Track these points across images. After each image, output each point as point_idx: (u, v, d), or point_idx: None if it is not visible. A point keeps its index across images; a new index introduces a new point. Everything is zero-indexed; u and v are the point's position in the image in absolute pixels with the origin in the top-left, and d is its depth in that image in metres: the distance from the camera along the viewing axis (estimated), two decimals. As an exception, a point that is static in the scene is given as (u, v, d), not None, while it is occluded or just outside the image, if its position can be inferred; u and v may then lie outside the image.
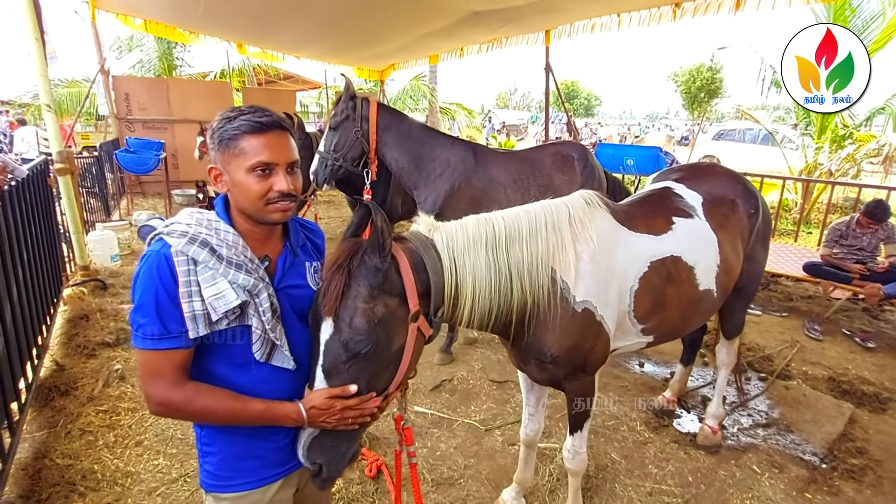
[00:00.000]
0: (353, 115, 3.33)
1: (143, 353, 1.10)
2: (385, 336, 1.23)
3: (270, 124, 1.15)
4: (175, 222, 1.15)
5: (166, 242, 1.11)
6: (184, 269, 1.09)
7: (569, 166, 3.69)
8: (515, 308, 1.57)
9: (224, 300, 1.10)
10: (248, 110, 1.16)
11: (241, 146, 1.13)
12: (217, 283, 1.11)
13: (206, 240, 1.12)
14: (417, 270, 1.34)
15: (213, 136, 1.16)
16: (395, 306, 1.26)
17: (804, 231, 7.73)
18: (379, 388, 1.26)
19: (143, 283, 1.09)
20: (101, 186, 7.39)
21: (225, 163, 1.16)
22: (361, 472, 2.52)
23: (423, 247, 1.40)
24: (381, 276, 1.24)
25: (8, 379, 2.50)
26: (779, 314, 4.80)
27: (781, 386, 3.51)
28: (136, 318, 1.09)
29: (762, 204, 2.45)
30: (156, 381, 1.10)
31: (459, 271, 1.43)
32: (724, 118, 30.98)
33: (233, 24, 7.31)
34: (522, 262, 1.55)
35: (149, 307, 1.08)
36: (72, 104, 11.98)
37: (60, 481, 2.36)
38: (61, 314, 4.09)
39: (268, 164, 1.14)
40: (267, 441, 1.25)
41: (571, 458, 2.05)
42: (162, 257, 1.09)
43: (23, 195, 3.31)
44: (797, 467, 2.68)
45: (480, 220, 1.55)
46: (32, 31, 4.20)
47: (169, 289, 1.08)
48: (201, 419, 1.18)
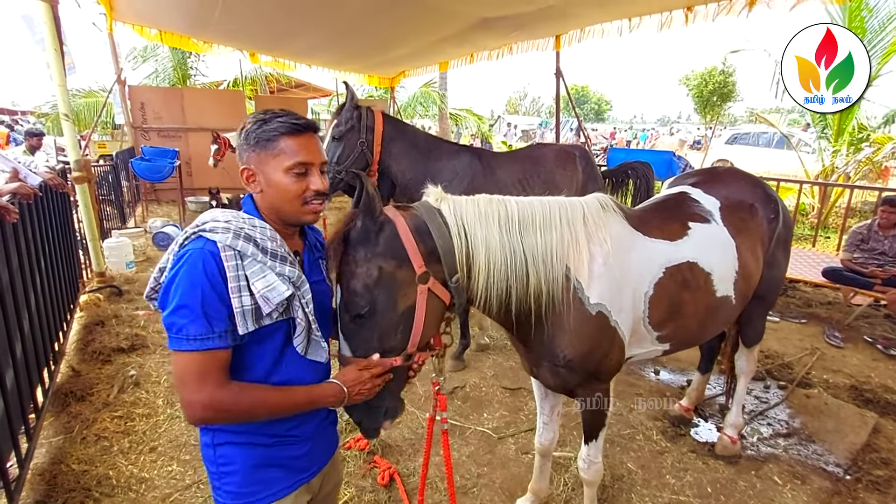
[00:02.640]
0: (358, 125, 3.29)
1: (185, 356, 1.06)
2: (385, 297, 1.28)
3: (307, 126, 1.19)
4: (212, 220, 1.13)
5: (208, 239, 1.10)
6: (232, 263, 1.08)
7: (570, 162, 3.78)
8: (532, 295, 1.55)
9: (276, 291, 1.11)
10: (282, 113, 1.18)
11: (280, 146, 1.15)
12: (266, 276, 1.11)
13: (249, 234, 1.12)
14: (420, 234, 1.36)
15: (247, 138, 1.17)
16: (392, 268, 1.29)
17: (822, 236, 7.59)
18: (394, 349, 1.31)
19: (187, 282, 1.06)
20: (116, 194, 7.51)
21: (261, 163, 1.17)
22: (374, 480, 2.50)
23: (427, 213, 1.42)
24: (375, 239, 1.29)
25: (25, 385, 2.54)
26: (798, 320, 4.70)
27: (802, 394, 3.42)
28: (176, 320, 1.05)
29: (783, 209, 2.40)
30: (201, 384, 1.06)
31: (471, 240, 1.43)
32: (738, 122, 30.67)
33: (246, 33, 7.43)
34: (536, 248, 1.53)
35: (193, 306, 1.05)
36: (89, 114, 12.21)
37: (76, 487, 2.37)
38: (77, 320, 4.15)
39: (305, 165, 1.16)
40: (290, 448, 1.24)
41: (587, 467, 2.01)
42: (207, 253, 1.08)
43: (41, 204, 3.37)
44: (820, 479, 2.60)
45: (493, 199, 1.55)
46: (52, 43, 4.30)
47: (216, 285, 1.07)
48: (249, 417, 1.15)
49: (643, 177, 4.14)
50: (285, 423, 1.22)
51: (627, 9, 5.62)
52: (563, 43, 6.82)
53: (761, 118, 12.53)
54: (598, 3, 5.38)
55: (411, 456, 2.71)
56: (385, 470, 2.52)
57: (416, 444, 2.80)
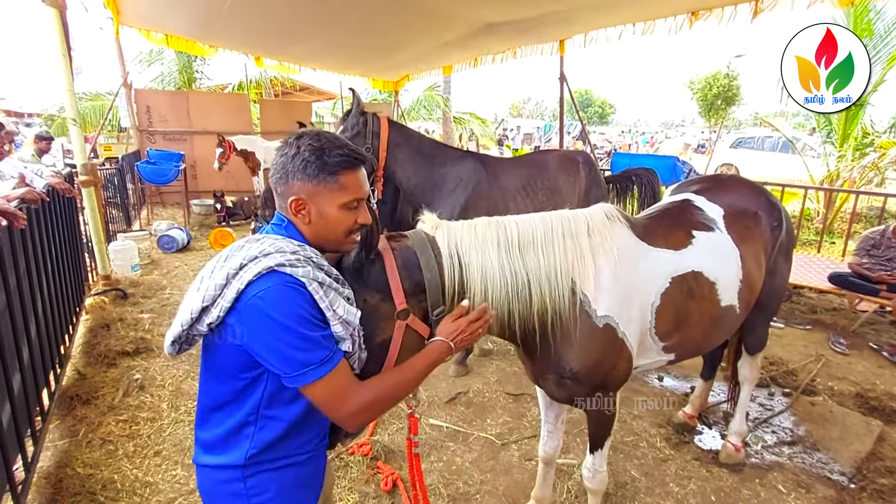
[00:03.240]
0: (364, 131, 3.31)
1: (322, 383, 1.06)
2: (365, 328, 1.27)
3: (363, 159, 1.18)
4: (277, 252, 1.08)
5: (286, 275, 1.06)
6: (321, 294, 1.08)
7: (573, 168, 3.80)
8: (537, 314, 1.54)
9: (354, 314, 1.15)
10: (338, 142, 1.16)
11: (341, 182, 1.14)
12: (341, 302, 1.13)
13: (318, 262, 1.13)
14: (409, 268, 1.36)
15: (305, 167, 1.13)
16: (376, 301, 1.30)
17: (827, 241, 7.55)
18: (368, 374, 1.29)
19: (289, 316, 1.03)
20: (122, 197, 7.57)
21: (314, 194, 1.14)
22: (377, 486, 2.50)
23: (419, 245, 1.41)
24: (365, 272, 1.30)
25: (32, 388, 2.55)
26: (802, 327, 4.68)
27: (807, 402, 3.41)
28: (298, 355, 1.04)
29: (785, 216, 2.39)
30: (347, 394, 1.09)
31: (465, 268, 1.43)
32: (742, 126, 30.59)
33: (251, 36, 7.47)
34: (539, 267, 1.53)
35: (308, 335, 1.04)
36: (95, 117, 12.32)
37: (81, 490, 2.39)
38: (83, 323, 4.18)
39: (360, 200, 1.18)
40: (315, 463, 1.25)
41: (591, 476, 2.01)
42: (292, 287, 1.05)
43: (48, 208, 3.40)
44: (824, 487, 2.59)
45: (491, 222, 1.54)
46: (60, 48, 4.34)
47: (314, 313, 1.07)
48: (396, 400, 1.18)
49: (648, 184, 4.14)
50: (317, 438, 1.23)
51: (632, 14, 5.63)
52: (567, 48, 6.83)
53: (766, 122, 12.51)
54: (602, 8, 5.39)
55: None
56: (388, 476, 2.53)
57: (419, 449, 2.80)
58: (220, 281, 1.07)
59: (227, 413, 1.15)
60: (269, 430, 1.14)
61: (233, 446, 1.14)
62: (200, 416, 1.20)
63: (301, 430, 1.18)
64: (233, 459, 1.13)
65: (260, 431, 1.13)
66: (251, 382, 1.12)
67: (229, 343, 1.10)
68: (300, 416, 1.16)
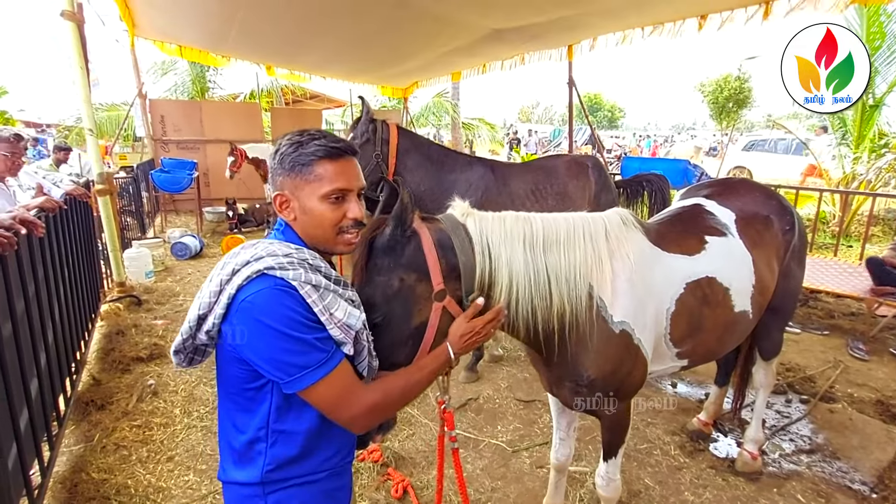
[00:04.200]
0: (374, 138, 3.32)
1: (326, 381, 1.03)
2: (400, 310, 1.26)
3: (346, 149, 1.12)
4: (269, 255, 1.05)
5: (276, 277, 1.02)
6: (313, 298, 1.03)
7: (583, 173, 3.77)
8: (556, 315, 1.52)
9: (354, 317, 1.09)
10: (318, 134, 1.12)
11: (317, 172, 1.09)
12: (340, 304, 1.08)
13: (313, 264, 1.08)
14: (444, 249, 1.34)
15: (282, 162, 1.11)
16: (413, 281, 1.27)
17: (844, 245, 7.41)
18: (401, 361, 1.27)
19: (279, 319, 1.00)
20: (137, 205, 7.70)
21: (295, 189, 1.11)
22: (388, 492, 2.49)
23: (452, 228, 1.39)
24: (400, 250, 1.27)
25: (49, 393, 2.59)
26: (820, 332, 4.59)
27: (825, 409, 3.33)
28: (292, 359, 1.00)
29: (797, 220, 2.36)
30: (351, 395, 1.06)
31: (494, 260, 1.40)
32: (754, 128, 30.22)
33: (262, 47, 7.60)
34: (560, 268, 1.51)
35: (301, 337, 1.01)
36: (111, 126, 12.58)
37: (96, 495, 2.41)
38: (98, 329, 4.24)
39: (343, 191, 1.10)
40: (338, 479, 1.21)
41: (605, 484, 1.98)
42: (282, 290, 1.01)
43: (65, 216, 3.47)
44: (845, 497, 2.52)
45: (519, 217, 1.52)
46: (78, 61, 4.44)
47: (306, 315, 1.03)
48: (405, 400, 1.16)
49: (659, 190, 4.09)
50: (339, 455, 1.19)
51: (640, 18, 5.61)
52: (575, 52, 6.83)
53: (779, 125, 12.35)
54: (610, 13, 5.38)
55: (425, 469, 2.70)
56: (399, 483, 2.52)
57: (429, 456, 2.79)
58: (215, 288, 1.05)
59: (239, 428, 1.12)
60: (282, 446, 1.10)
61: (248, 463, 1.11)
62: (220, 432, 1.19)
63: (319, 446, 1.14)
64: (250, 477, 1.10)
65: (273, 447, 1.09)
66: (256, 395, 1.09)
67: (228, 353, 1.08)
68: (314, 430, 1.12)
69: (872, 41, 7.10)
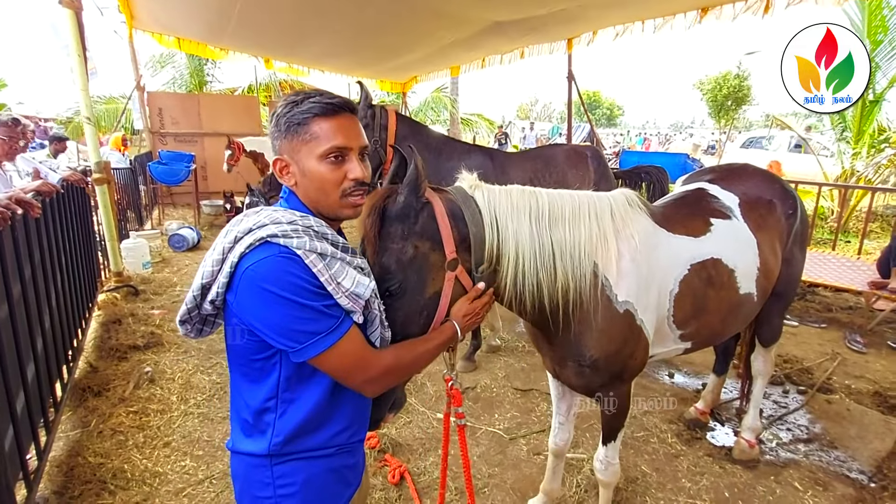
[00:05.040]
0: (372, 123, 3.30)
1: (338, 347, 1.01)
2: (416, 278, 1.25)
3: (342, 106, 1.08)
4: (272, 223, 1.01)
5: (280, 245, 0.98)
6: (319, 267, 1.00)
7: (582, 163, 3.77)
8: (560, 290, 1.52)
9: (363, 286, 1.06)
10: (314, 93, 1.07)
11: (313, 130, 1.04)
12: (348, 272, 1.04)
13: (319, 231, 1.05)
14: (455, 219, 1.34)
15: (277, 124, 1.07)
16: (426, 250, 1.27)
17: (842, 240, 7.42)
18: (414, 333, 1.26)
19: (285, 287, 0.96)
20: (134, 197, 7.66)
21: (293, 151, 1.06)
22: (384, 478, 2.49)
23: (463, 199, 1.39)
24: (414, 217, 1.26)
25: (45, 379, 2.58)
26: (817, 325, 4.60)
27: (823, 400, 3.34)
28: (305, 326, 0.98)
29: (800, 205, 2.35)
30: (364, 359, 1.05)
31: (501, 232, 1.41)
32: (753, 126, 30.26)
33: (261, 39, 7.56)
34: (565, 243, 1.51)
35: (308, 305, 0.98)
36: (109, 119, 12.53)
37: (92, 479, 2.40)
38: (95, 318, 4.22)
39: (341, 149, 1.06)
40: (346, 457, 1.18)
41: (604, 468, 1.98)
42: (286, 258, 0.98)
43: (62, 202, 3.45)
44: (843, 486, 2.53)
45: (525, 191, 1.52)
46: (76, 49, 4.42)
47: (312, 282, 0.99)
48: (414, 367, 1.18)
49: (657, 181, 4.09)
50: (347, 431, 1.15)
51: (640, 11, 5.60)
52: (574, 45, 6.81)
53: (778, 121, 12.35)
54: (610, 5, 5.37)
55: (422, 455, 2.69)
56: (395, 468, 2.51)
57: (426, 443, 2.79)
58: (218, 256, 1.02)
59: (248, 400, 1.10)
60: (291, 417, 1.07)
61: (257, 434, 1.09)
62: (231, 405, 1.17)
63: (329, 420, 1.12)
64: (258, 448, 1.09)
65: (281, 418, 1.07)
66: (265, 365, 1.06)
67: (235, 324, 1.05)
68: (324, 402, 1.09)
69: (874, 34, 7.08)
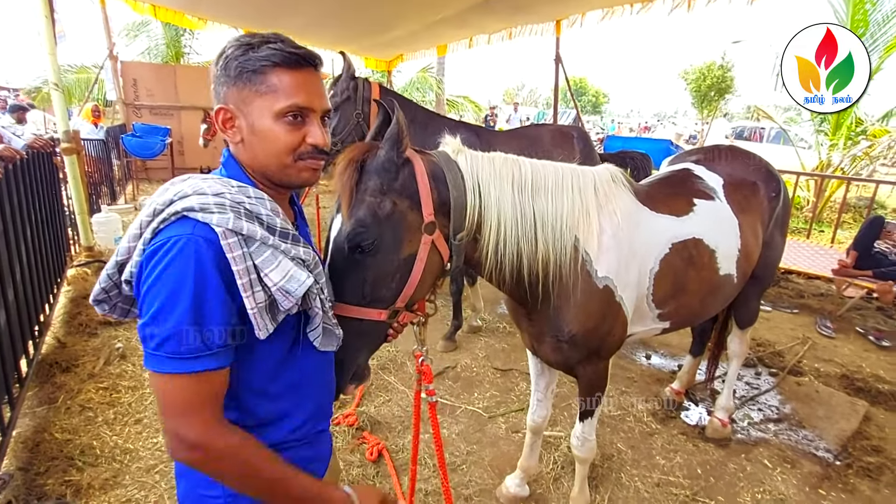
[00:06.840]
0: (355, 96, 3.19)
1: (171, 380, 0.81)
2: (391, 236, 1.19)
3: (308, 58, 0.91)
4: (195, 193, 0.85)
5: (199, 222, 0.83)
6: (239, 253, 0.83)
7: (567, 142, 3.77)
8: (541, 262, 1.50)
9: (297, 281, 0.88)
10: (274, 38, 0.90)
11: (271, 82, 0.88)
12: (280, 263, 0.88)
13: (251, 210, 0.87)
14: (436, 181, 1.30)
15: (226, 68, 0.89)
16: (405, 208, 1.22)
17: (816, 229, 7.61)
18: (383, 299, 1.21)
19: (173, 281, 0.80)
20: (107, 171, 7.38)
21: (243, 102, 0.90)
22: (362, 455, 2.47)
23: (446, 163, 1.35)
24: (394, 172, 1.21)
25: (9, 354, 2.48)
26: (790, 311, 4.72)
27: (793, 382, 3.43)
28: (158, 331, 0.79)
29: (783, 189, 2.38)
30: (191, 415, 0.82)
31: (484, 198, 1.37)
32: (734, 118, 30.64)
33: (240, 9, 7.27)
34: (546, 214, 1.48)
35: (183, 313, 0.79)
36: (80, 89, 11.99)
37: (59, 455, 2.33)
38: (64, 294, 4.08)
39: (303, 109, 0.91)
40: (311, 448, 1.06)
41: (580, 444, 2.00)
42: (201, 242, 0.81)
43: (28, 170, 3.28)
44: (810, 463, 2.61)
45: (508, 159, 1.48)
46: (43, 9, 4.18)
47: (216, 284, 0.82)
48: (239, 479, 0.87)
49: (641, 167, 4.11)
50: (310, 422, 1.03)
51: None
52: (563, 27, 6.72)
53: (761, 112, 12.51)
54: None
55: (400, 433, 2.68)
56: (373, 446, 2.50)
57: (405, 421, 2.78)
58: (135, 231, 0.87)
59: None
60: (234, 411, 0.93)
61: None
62: None
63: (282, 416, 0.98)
64: None
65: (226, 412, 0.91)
66: None
67: None
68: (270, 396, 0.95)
69: (856, 28, 7.19)
